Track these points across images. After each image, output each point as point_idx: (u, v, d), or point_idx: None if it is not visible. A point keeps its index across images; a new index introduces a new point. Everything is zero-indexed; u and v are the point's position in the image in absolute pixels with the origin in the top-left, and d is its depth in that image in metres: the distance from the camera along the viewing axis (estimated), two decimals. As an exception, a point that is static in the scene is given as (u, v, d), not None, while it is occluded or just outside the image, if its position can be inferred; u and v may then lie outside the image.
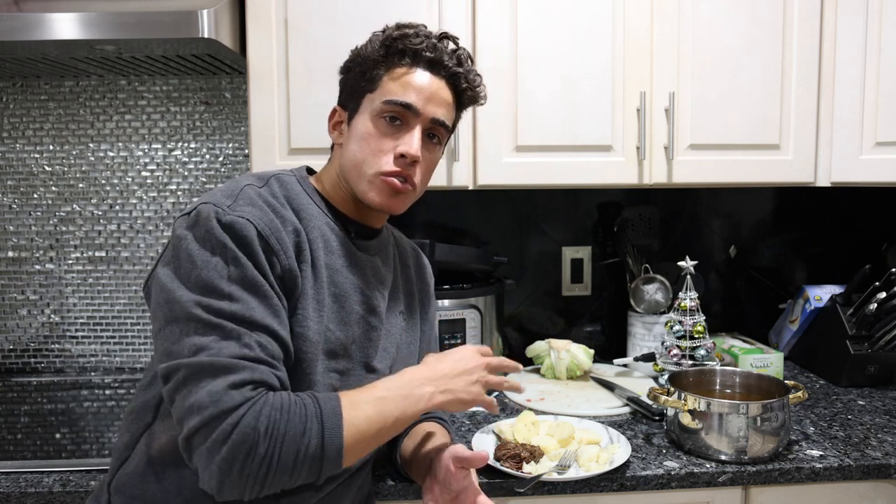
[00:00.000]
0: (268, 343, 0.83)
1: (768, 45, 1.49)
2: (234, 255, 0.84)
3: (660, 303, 1.68)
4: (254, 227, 0.85)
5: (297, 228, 0.92)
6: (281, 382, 0.84)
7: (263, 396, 0.80)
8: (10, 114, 1.74)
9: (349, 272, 0.98)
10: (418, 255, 1.23)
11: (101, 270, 1.78)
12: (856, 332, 1.59)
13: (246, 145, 1.76)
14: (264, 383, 0.81)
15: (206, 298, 0.82)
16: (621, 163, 1.48)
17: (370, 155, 0.97)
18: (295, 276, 0.89)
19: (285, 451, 0.79)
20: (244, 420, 0.77)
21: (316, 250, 0.94)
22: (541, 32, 1.45)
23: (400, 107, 0.96)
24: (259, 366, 0.81)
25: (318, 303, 0.93)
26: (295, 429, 0.79)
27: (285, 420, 0.79)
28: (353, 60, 1.01)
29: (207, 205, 0.86)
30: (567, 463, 1.16)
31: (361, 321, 1.00)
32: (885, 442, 1.28)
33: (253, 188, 0.92)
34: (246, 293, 0.83)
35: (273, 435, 0.78)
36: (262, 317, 0.83)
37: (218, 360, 0.79)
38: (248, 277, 0.84)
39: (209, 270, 0.83)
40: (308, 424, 0.80)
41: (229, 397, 0.77)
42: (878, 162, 1.50)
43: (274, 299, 0.86)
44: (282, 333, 0.85)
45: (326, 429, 0.81)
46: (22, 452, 1.27)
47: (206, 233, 0.84)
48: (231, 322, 0.81)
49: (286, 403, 0.80)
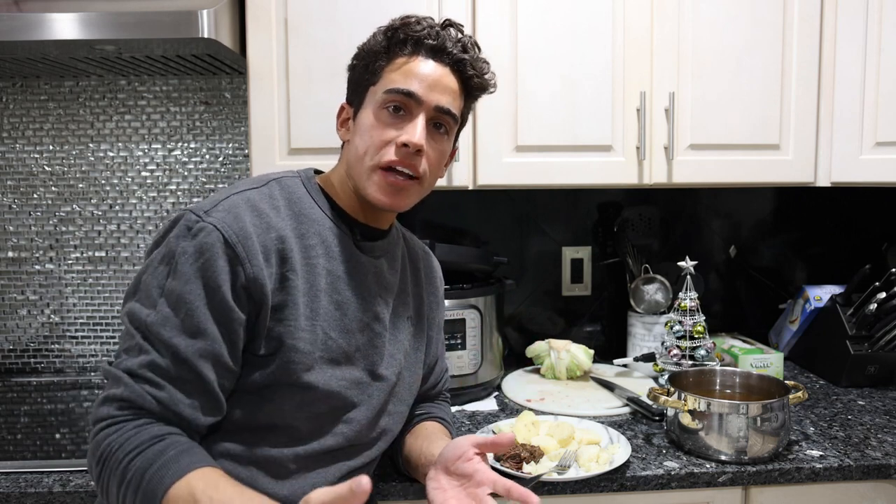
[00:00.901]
0: (163, 363, 0.82)
1: (768, 45, 1.49)
2: (177, 266, 0.84)
3: (660, 303, 1.68)
4: (220, 233, 0.85)
5: (283, 235, 0.90)
6: (162, 404, 0.82)
7: (122, 423, 0.81)
8: (10, 114, 1.74)
9: (351, 278, 0.97)
10: (429, 257, 1.21)
11: (101, 270, 1.78)
12: (856, 332, 1.59)
13: (246, 145, 1.76)
14: (134, 404, 0.81)
15: (139, 306, 0.85)
16: (621, 163, 1.48)
17: (372, 146, 0.94)
18: (261, 285, 0.87)
19: (112, 484, 0.79)
20: (97, 437, 0.81)
21: (315, 257, 0.93)
22: (541, 32, 1.45)
23: (401, 95, 0.93)
24: (137, 385, 0.81)
25: (312, 311, 0.91)
26: (117, 479, 0.79)
27: (113, 463, 0.79)
28: (358, 56, 1.01)
29: (187, 212, 0.87)
30: (567, 463, 1.16)
31: (366, 329, 0.98)
32: (885, 442, 1.28)
33: (244, 194, 0.91)
34: (167, 307, 0.83)
35: (104, 466, 0.80)
36: (171, 336, 0.82)
37: (114, 371, 0.83)
38: (177, 291, 0.83)
39: (153, 278, 0.85)
40: (130, 476, 0.78)
41: (99, 410, 0.82)
42: (878, 162, 1.50)
43: (199, 318, 0.83)
44: (186, 355, 0.82)
45: (145, 496, 0.77)
46: (22, 452, 1.27)
47: (170, 240, 0.86)
48: (141, 335, 0.83)
49: (128, 446, 0.79)
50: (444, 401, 1.25)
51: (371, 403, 0.99)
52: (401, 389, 1.06)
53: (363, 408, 0.98)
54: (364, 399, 0.98)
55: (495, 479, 0.94)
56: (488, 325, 1.55)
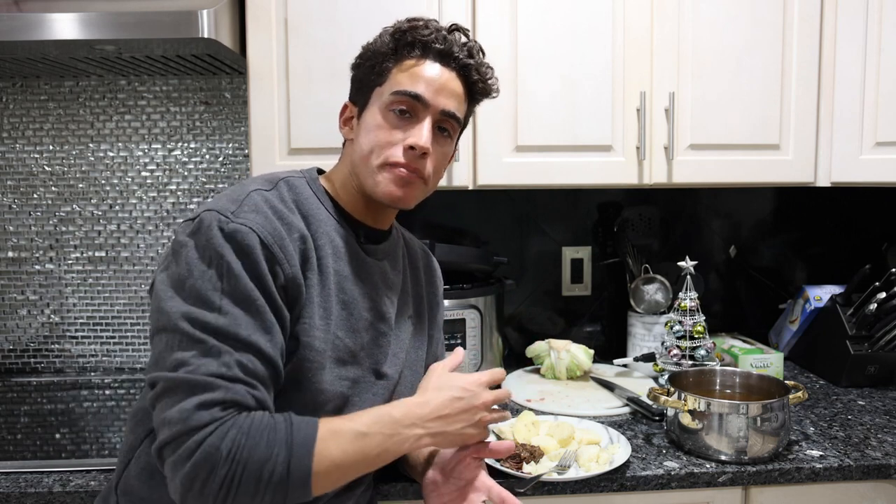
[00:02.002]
0: (249, 361, 0.81)
1: (768, 45, 1.49)
2: (229, 266, 0.83)
3: (660, 303, 1.68)
4: (257, 235, 0.84)
5: (304, 235, 0.91)
6: (259, 402, 0.82)
7: (233, 418, 0.79)
8: (10, 114, 1.74)
9: (358, 279, 0.97)
10: (428, 257, 1.21)
11: (101, 270, 1.78)
12: (856, 332, 1.59)
13: (246, 145, 1.76)
14: (237, 403, 0.80)
15: (196, 309, 0.81)
16: (621, 163, 1.48)
17: (378, 146, 0.95)
18: (299, 285, 0.88)
19: (247, 474, 0.77)
20: (208, 440, 0.77)
21: (324, 257, 0.93)
22: (541, 32, 1.45)
23: (409, 97, 0.94)
24: (235, 385, 0.80)
25: (325, 310, 0.92)
26: (259, 454, 0.78)
27: (251, 444, 0.78)
28: (363, 55, 1.01)
29: (211, 212, 0.85)
30: (567, 463, 1.16)
31: (371, 328, 0.99)
32: (885, 442, 1.28)
33: (260, 193, 0.91)
34: (236, 307, 0.82)
35: (235, 458, 0.77)
36: (249, 333, 0.82)
37: (193, 377, 0.79)
38: (240, 291, 0.82)
39: (203, 281, 0.82)
40: (275, 450, 0.78)
41: (198, 416, 0.78)
42: (878, 162, 1.50)
43: (267, 314, 0.84)
44: (268, 351, 0.83)
45: (294, 457, 0.79)
46: (22, 452, 1.27)
47: (206, 242, 0.84)
48: (214, 337, 0.80)
49: (255, 426, 0.79)
50: None
51: (375, 402, 0.99)
52: (402, 388, 1.06)
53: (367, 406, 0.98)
54: (367, 398, 0.98)
55: (490, 487, 0.95)
56: (488, 325, 1.55)
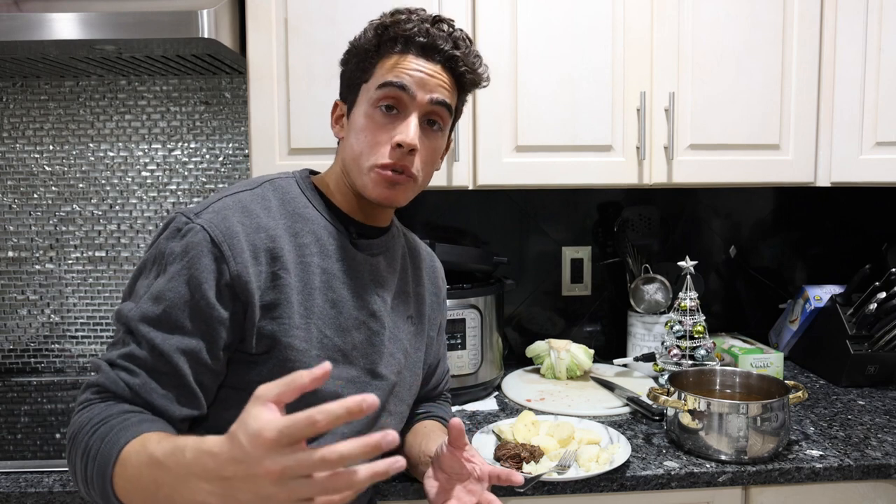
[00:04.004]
0: (140, 353, 0.83)
1: (768, 45, 1.49)
2: (163, 265, 0.87)
3: (660, 303, 1.68)
4: (206, 233, 0.86)
5: (274, 235, 0.91)
6: (133, 390, 0.82)
7: (93, 405, 0.82)
8: (10, 114, 1.74)
9: (347, 276, 0.97)
10: (432, 258, 1.21)
11: (101, 270, 1.78)
12: (856, 332, 1.59)
13: (246, 145, 1.76)
14: (108, 390, 0.83)
15: (127, 301, 0.88)
16: (621, 163, 1.48)
17: (367, 147, 0.94)
18: (245, 283, 0.87)
19: (78, 460, 0.79)
20: (73, 419, 0.82)
21: (309, 255, 0.93)
22: (541, 32, 1.45)
23: (394, 88, 0.92)
24: (114, 372, 0.83)
25: (307, 309, 0.92)
26: (82, 446, 0.79)
27: (83, 432, 0.79)
28: (350, 52, 1.01)
29: (178, 214, 0.90)
30: (567, 463, 1.16)
31: (362, 326, 0.98)
32: (885, 442, 1.28)
33: (235, 196, 0.92)
34: (149, 303, 0.85)
35: (72, 441, 0.80)
36: (149, 330, 0.84)
37: (96, 361, 0.85)
38: (161, 287, 0.85)
39: (144, 278, 0.88)
40: (92, 444, 0.78)
41: (80, 396, 0.84)
42: (878, 162, 1.50)
43: (176, 313, 0.84)
44: (163, 349, 0.83)
45: (102, 456, 0.76)
46: (22, 452, 1.27)
47: (159, 241, 0.89)
48: (124, 328, 0.85)
49: (97, 416, 0.80)
50: (444, 401, 1.26)
51: None
52: (401, 389, 1.06)
53: None
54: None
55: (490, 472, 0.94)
56: (488, 325, 1.55)
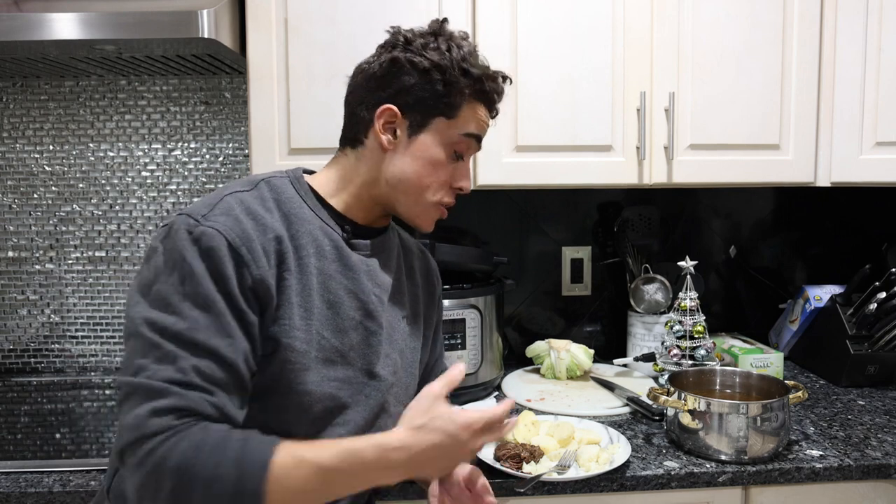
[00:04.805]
0: (207, 367, 0.80)
1: (768, 45, 1.49)
2: (191, 270, 0.82)
3: (660, 303, 1.68)
4: (223, 237, 0.84)
5: (280, 236, 0.90)
6: (217, 409, 0.80)
7: (186, 429, 0.77)
8: (10, 114, 1.75)
9: (343, 277, 0.97)
10: (426, 257, 1.20)
11: (101, 270, 1.78)
12: (856, 332, 1.59)
13: (246, 145, 1.76)
14: (192, 412, 0.78)
15: (157, 314, 0.81)
16: (621, 163, 1.48)
17: (436, 183, 0.99)
18: (268, 287, 0.87)
19: (195, 491, 0.76)
20: (158, 450, 0.76)
21: (306, 256, 0.92)
22: (541, 32, 1.45)
23: (474, 140, 1.01)
24: (190, 392, 0.78)
25: (307, 310, 0.91)
26: (208, 471, 0.76)
27: (201, 459, 0.76)
28: (430, 72, 0.96)
29: (182, 216, 0.86)
30: (567, 463, 1.16)
31: (359, 327, 0.98)
32: (885, 442, 1.28)
33: (236, 196, 0.91)
34: (196, 311, 0.81)
35: (183, 472, 0.75)
36: (207, 338, 0.81)
37: (149, 383, 0.78)
38: (200, 294, 0.82)
39: (167, 285, 0.82)
40: (223, 469, 0.76)
41: (150, 423, 0.77)
42: (878, 162, 1.50)
43: (226, 317, 0.83)
44: (227, 356, 0.82)
45: (245, 478, 0.76)
46: (22, 452, 1.27)
47: (172, 246, 0.84)
48: (173, 343, 0.79)
49: (208, 441, 0.77)
50: None
51: (369, 404, 0.98)
52: (398, 390, 1.05)
53: (360, 408, 0.97)
54: (361, 399, 0.97)
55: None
56: (488, 325, 1.55)
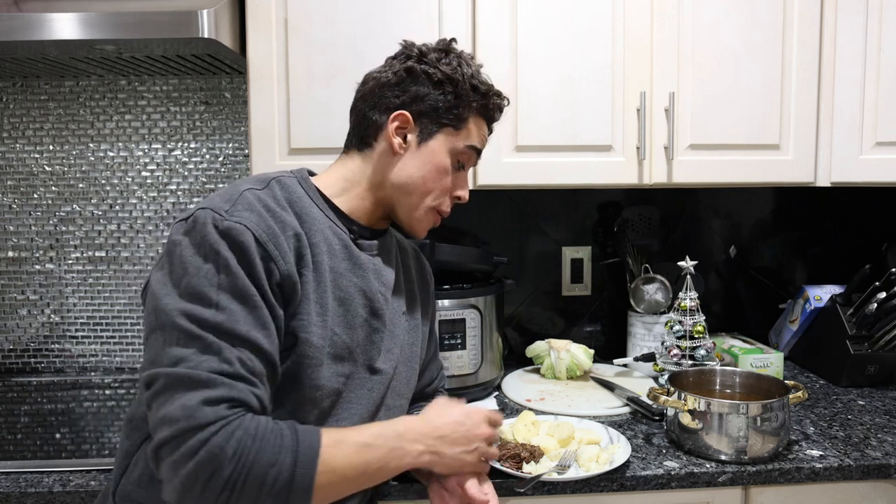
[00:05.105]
0: (249, 359, 0.81)
1: (768, 45, 1.49)
2: (226, 262, 0.82)
3: (660, 303, 1.68)
4: (251, 233, 0.84)
5: (298, 233, 0.91)
6: (260, 401, 0.82)
7: (239, 418, 0.78)
8: (10, 114, 1.74)
9: (352, 275, 0.98)
10: (419, 256, 1.24)
11: (101, 270, 1.78)
12: (856, 332, 1.59)
13: (246, 145, 1.76)
14: (242, 403, 0.79)
15: (193, 306, 0.80)
16: (621, 163, 1.48)
17: (439, 189, 1.03)
18: (294, 283, 0.88)
19: (251, 478, 0.77)
20: (214, 439, 0.76)
21: (319, 254, 0.94)
22: (541, 32, 1.45)
23: (476, 153, 1.06)
24: (238, 383, 0.79)
25: (322, 307, 0.93)
26: (265, 458, 0.77)
27: (257, 447, 0.77)
28: (444, 83, 1.00)
29: (205, 210, 0.85)
30: (567, 463, 1.16)
31: (365, 324, 1.00)
32: (885, 442, 1.28)
33: (253, 192, 0.91)
34: (234, 303, 0.82)
35: (241, 459, 0.76)
36: (247, 329, 0.82)
37: (196, 373, 0.78)
38: (238, 286, 0.82)
39: (199, 278, 0.82)
40: (280, 456, 0.78)
41: (202, 413, 0.76)
42: (878, 162, 1.50)
43: (263, 310, 0.84)
44: (266, 347, 0.83)
45: (299, 464, 0.79)
46: (22, 452, 1.27)
47: (201, 239, 0.83)
48: (213, 334, 0.80)
49: (261, 430, 0.79)
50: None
51: (371, 397, 1.01)
52: (398, 383, 1.07)
53: (363, 402, 0.99)
54: (362, 393, 0.99)
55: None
56: (488, 325, 1.55)
